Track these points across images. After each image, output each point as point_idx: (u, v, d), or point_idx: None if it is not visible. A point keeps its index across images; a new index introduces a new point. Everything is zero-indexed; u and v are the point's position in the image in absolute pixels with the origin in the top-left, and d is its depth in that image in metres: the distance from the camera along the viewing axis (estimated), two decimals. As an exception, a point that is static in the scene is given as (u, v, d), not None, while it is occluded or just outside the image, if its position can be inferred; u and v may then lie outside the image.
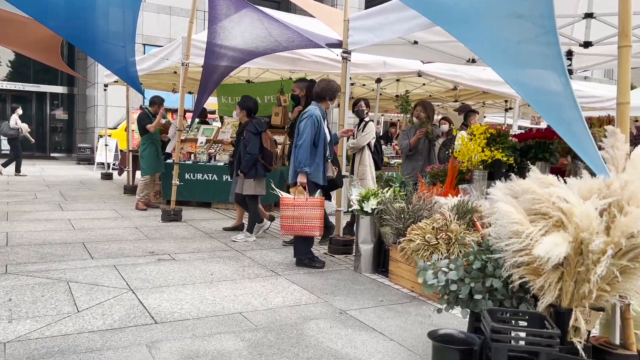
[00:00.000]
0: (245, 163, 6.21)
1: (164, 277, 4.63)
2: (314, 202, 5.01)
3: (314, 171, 5.10)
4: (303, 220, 5.01)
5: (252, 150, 6.20)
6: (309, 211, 4.99)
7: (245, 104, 6.45)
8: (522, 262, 2.59)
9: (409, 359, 3.15)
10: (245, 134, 6.29)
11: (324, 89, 5.30)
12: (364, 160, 6.79)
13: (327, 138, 5.25)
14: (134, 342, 3.21)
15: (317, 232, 5.07)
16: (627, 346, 2.95)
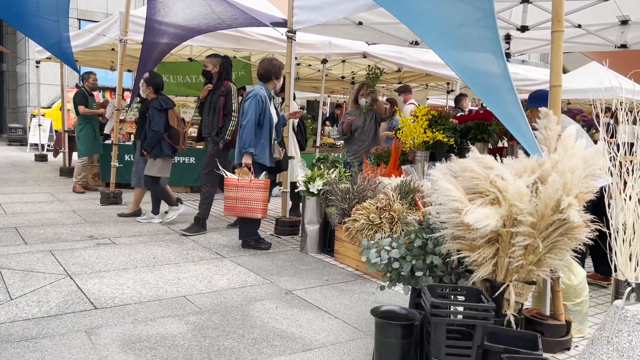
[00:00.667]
0: (149, 141, 5.92)
1: (104, 262, 4.49)
2: (258, 184, 4.95)
3: (259, 152, 5.02)
4: (245, 201, 4.95)
5: (157, 127, 5.92)
6: (253, 193, 4.93)
7: (153, 80, 6.17)
8: (459, 235, 2.68)
9: (353, 336, 3.22)
10: (150, 111, 6.01)
11: (267, 69, 5.15)
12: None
13: (273, 119, 5.14)
14: (72, 329, 3.10)
15: (259, 214, 4.98)
16: (556, 317, 3.14)
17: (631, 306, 2.32)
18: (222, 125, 5.74)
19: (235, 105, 5.74)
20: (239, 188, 4.94)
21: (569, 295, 3.26)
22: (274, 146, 5.24)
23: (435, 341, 2.31)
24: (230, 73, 5.95)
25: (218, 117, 5.74)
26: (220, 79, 5.82)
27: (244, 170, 4.97)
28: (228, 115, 5.72)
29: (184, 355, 2.83)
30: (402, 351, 2.51)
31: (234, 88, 5.80)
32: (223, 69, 5.81)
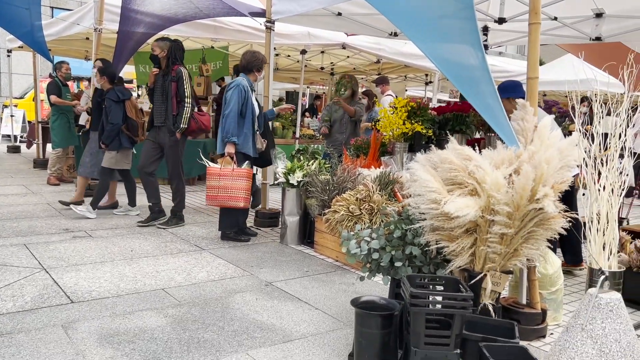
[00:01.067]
0: (107, 134, 5.73)
1: (80, 255, 4.42)
2: (240, 173, 4.91)
3: (242, 142, 4.99)
4: (228, 190, 4.91)
5: (115, 120, 5.73)
6: (235, 182, 4.90)
7: (108, 69, 5.97)
8: (438, 226, 2.70)
9: (333, 326, 3.23)
10: (107, 103, 5.78)
11: (249, 61, 5.14)
12: None
13: (255, 110, 5.11)
14: (49, 324, 3.05)
15: (241, 203, 4.95)
16: (532, 305, 3.20)
17: (604, 294, 2.37)
18: (176, 114, 5.42)
19: (187, 91, 5.42)
20: (221, 177, 4.91)
21: (545, 284, 3.32)
22: (257, 137, 5.21)
23: (414, 331, 2.33)
24: (181, 57, 5.57)
25: (172, 104, 5.41)
26: (169, 63, 5.48)
27: (227, 160, 4.95)
28: (181, 102, 5.41)
29: (164, 349, 2.81)
30: (382, 341, 2.53)
31: (185, 73, 5.48)
32: (171, 53, 5.46)
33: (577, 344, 2.34)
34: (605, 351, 2.27)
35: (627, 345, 2.28)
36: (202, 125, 5.63)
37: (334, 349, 2.93)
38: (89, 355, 2.70)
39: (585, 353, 2.31)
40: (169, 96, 5.40)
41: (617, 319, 2.31)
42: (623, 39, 5.88)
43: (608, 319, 2.31)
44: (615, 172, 2.62)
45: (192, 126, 5.48)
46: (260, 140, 5.27)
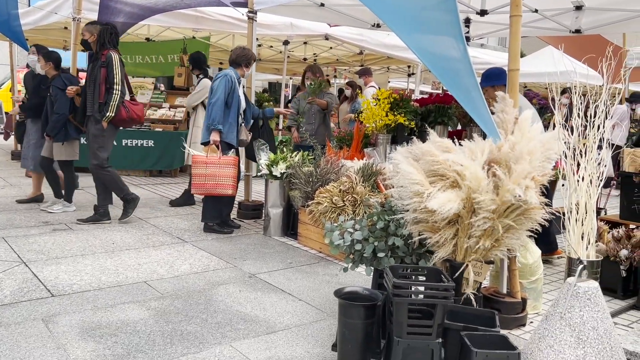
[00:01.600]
0: (53, 124, 5.37)
1: (61, 248, 4.36)
2: (227, 161, 4.91)
3: (226, 131, 4.99)
4: (215, 178, 4.89)
5: (61, 109, 5.37)
6: (222, 169, 4.88)
7: (52, 55, 5.68)
8: (420, 218, 2.73)
9: (317, 317, 3.24)
10: (53, 91, 5.46)
11: (239, 56, 5.18)
12: (199, 121, 6.17)
13: (241, 102, 5.13)
14: (29, 318, 3.01)
15: (230, 190, 4.94)
16: (513, 294, 3.25)
17: (583, 283, 2.42)
18: (104, 101, 5.05)
19: (117, 76, 5.04)
20: (208, 165, 4.88)
21: (525, 274, 3.38)
22: (241, 128, 5.23)
23: (397, 320, 2.35)
24: (113, 41, 5.19)
25: (99, 91, 5.02)
26: (98, 48, 5.13)
27: (212, 148, 4.93)
28: (110, 89, 5.04)
29: (146, 341, 2.80)
30: (365, 331, 2.55)
31: (116, 57, 5.10)
32: (101, 37, 5.10)
33: (555, 332, 2.39)
34: (582, 339, 2.32)
35: (604, 333, 2.33)
36: (133, 114, 5.25)
37: (318, 339, 2.94)
38: (71, 349, 2.67)
39: (563, 341, 2.35)
40: (97, 82, 5.04)
41: (594, 307, 2.36)
42: (602, 32, 5.97)
43: (586, 307, 2.36)
44: (593, 163, 2.67)
45: (122, 115, 5.12)
46: (245, 132, 5.27)
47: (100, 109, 5.05)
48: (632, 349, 2.58)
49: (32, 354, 2.60)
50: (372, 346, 2.66)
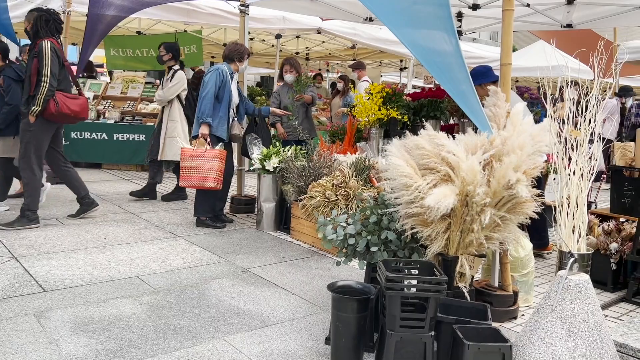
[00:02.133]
0: (4, 117, 5.05)
1: (52, 243, 4.33)
2: (212, 154, 4.88)
3: (216, 124, 4.97)
4: (199, 170, 4.87)
5: (14, 100, 5.02)
6: (207, 162, 4.86)
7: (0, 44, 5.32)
8: (413, 213, 2.73)
9: (310, 311, 3.25)
10: (4, 82, 5.11)
11: (231, 51, 5.19)
12: (174, 115, 6.08)
13: (233, 97, 5.11)
14: (20, 313, 3.00)
15: (212, 183, 4.89)
16: (504, 288, 3.28)
17: (574, 276, 2.44)
18: (33, 94, 4.61)
19: (47, 68, 4.57)
20: (193, 157, 4.88)
21: (517, 267, 3.40)
22: (233, 123, 5.22)
23: (390, 314, 2.36)
24: (49, 29, 4.73)
25: (30, 83, 4.63)
26: (33, 37, 4.71)
27: (200, 141, 4.92)
28: (39, 81, 4.60)
29: (139, 336, 2.80)
30: (358, 324, 2.56)
31: (48, 46, 4.62)
32: (35, 25, 4.67)
33: (547, 325, 2.41)
34: (574, 331, 2.34)
35: (594, 325, 2.35)
36: (64, 109, 4.70)
37: (311, 333, 2.95)
38: (63, 344, 2.66)
39: (555, 333, 2.38)
40: (28, 74, 4.66)
41: (585, 300, 2.38)
42: (593, 26, 5.99)
43: (577, 300, 2.38)
44: (585, 157, 2.69)
45: (50, 109, 4.61)
46: (237, 127, 5.26)
47: (28, 101, 4.65)
48: (622, 340, 2.60)
49: (24, 349, 2.59)
50: (365, 339, 2.67)
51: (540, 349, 2.39)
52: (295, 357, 2.66)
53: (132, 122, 8.47)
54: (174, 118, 6.07)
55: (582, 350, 2.31)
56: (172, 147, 5.93)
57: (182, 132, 6.09)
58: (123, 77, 9.45)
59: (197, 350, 2.68)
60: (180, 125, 6.11)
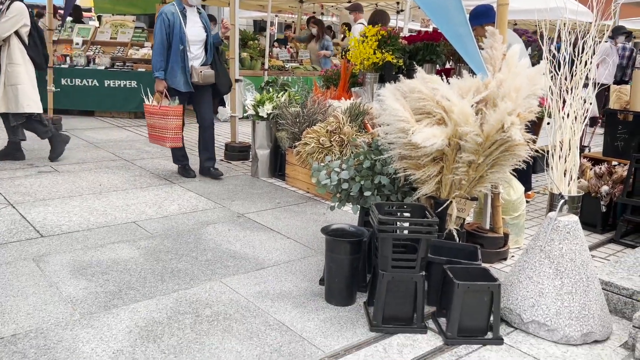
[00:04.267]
0: None
1: (47, 190, 4.35)
2: (165, 111, 4.60)
3: (170, 76, 4.60)
4: (156, 129, 4.69)
5: None
6: (161, 120, 4.63)
7: None
8: (405, 155, 2.74)
9: (305, 254, 3.32)
10: None
11: None
12: (14, 57, 5.02)
13: (185, 38, 4.57)
14: (19, 257, 3.04)
15: (167, 143, 4.69)
16: (495, 230, 3.33)
17: (563, 217, 2.49)
18: None
19: None
20: (151, 115, 4.71)
21: (508, 210, 3.45)
22: (193, 69, 4.66)
23: (382, 255, 2.42)
24: None
25: None
26: None
27: (156, 97, 4.67)
28: None
29: (137, 279, 2.86)
30: (351, 265, 2.62)
31: None
32: None
33: (535, 264, 2.48)
34: (561, 270, 2.41)
35: (581, 264, 2.42)
36: None
37: (306, 274, 3.02)
38: (63, 286, 2.72)
39: (542, 272, 2.44)
40: None
41: (573, 240, 2.44)
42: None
43: (565, 240, 2.43)
44: (579, 100, 2.68)
45: None
46: (196, 73, 4.66)
47: None
48: (608, 279, 2.68)
49: (24, 292, 2.65)
50: (358, 280, 2.74)
51: (528, 288, 2.46)
52: (291, 297, 2.74)
53: (122, 68, 8.31)
54: (14, 61, 5.01)
55: (568, 288, 2.38)
56: (17, 96, 4.99)
57: (28, 78, 5.10)
58: (112, 22, 9.19)
59: (194, 291, 2.75)
60: (25, 68, 5.06)
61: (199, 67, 4.69)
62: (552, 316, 2.37)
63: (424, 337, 2.40)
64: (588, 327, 2.36)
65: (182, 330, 2.37)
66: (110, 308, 2.54)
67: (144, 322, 2.42)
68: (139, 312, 2.51)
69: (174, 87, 4.65)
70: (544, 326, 2.39)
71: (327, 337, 2.37)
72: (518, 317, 2.47)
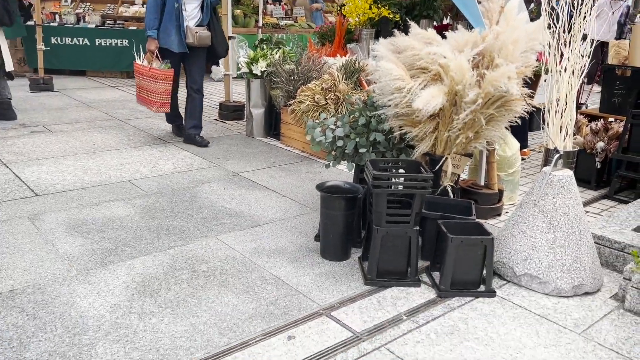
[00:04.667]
0: None
1: (41, 150, 4.31)
2: (155, 74, 4.40)
3: (162, 36, 4.41)
4: (144, 91, 4.52)
5: None
6: (150, 82, 4.44)
7: None
8: (402, 113, 2.72)
9: (300, 212, 3.33)
10: None
11: None
12: None
13: None
14: (14, 216, 3.04)
15: (154, 107, 4.49)
16: (490, 186, 3.34)
17: (558, 172, 2.49)
18: None
19: None
20: (140, 75, 4.53)
21: (503, 166, 3.45)
22: (188, 29, 4.46)
23: (376, 211, 2.42)
24: None
25: None
26: None
27: (147, 57, 4.50)
28: None
29: (133, 236, 2.87)
30: (346, 221, 2.64)
31: None
32: None
33: (528, 218, 2.49)
34: (554, 224, 2.42)
35: (574, 218, 2.43)
36: None
37: (301, 231, 3.04)
38: (59, 244, 2.73)
39: (536, 227, 2.46)
40: None
41: (567, 194, 2.44)
42: None
43: (559, 194, 2.44)
44: (577, 54, 2.63)
45: None
46: (191, 33, 4.47)
47: None
48: (600, 233, 2.71)
49: (20, 249, 2.66)
50: (353, 236, 2.76)
51: (521, 241, 2.49)
52: (286, 253, 2.76)
53: (113, 26, 8.14)
54: None
55: (560, 241, 2.41)
56: None
57: None
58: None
59: (190, 248, 2.77)
60: None
61: (194, 28, 4.50)
62: (544, 269, 2.41)
63: (417, 290, 2.44)
64: (579, 279, 2.40)
65: (178, 285, 2.39)
66: (107, 264, 2.55)
67: (140, 277, 2.44)
68: (135, 268, 2.53)
69: (167, 47, 4.45)
70: (536, 279, 2.42)
71: (322, 290, 2.40)
72: (511, 270, 2.50)
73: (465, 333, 2.12)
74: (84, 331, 2.03)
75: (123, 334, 2.03)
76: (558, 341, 2.09)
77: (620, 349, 2.06)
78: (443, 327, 2.16)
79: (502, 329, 2.16)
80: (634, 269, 2.31)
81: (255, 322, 2.14)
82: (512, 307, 2.33)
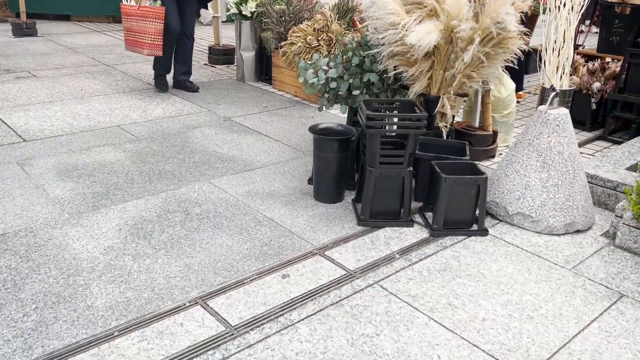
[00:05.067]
0: None
1: (27, 95, 4.21)
2: (145, 12, 4.13)
3: None
4: (133, 33, 4.21)
5: None
6: (139, 23, 4.15)
7: None
8: (397, 52, 2.65)
9: (293, 156, 3.30)
10: None
11: None
12: None
13: None
14: (3, 161, 3.00)
15: (145, 50, 4.20)
16: (485, 128, 3.31)
17: (553, 110, 2.45)
18: None
19: None
20: (128, 17, 4.23)
21: (498, 107, 3.41)
22: None
23: (370, 152, 2.40)
24: None
25: None
26: None
27: None
28: None
29: (125, 180, 2.84)
30: (339, 163, 2.61)
31: None
32: None
33: (523, 158, 2.48)
34: (548, 162, 2.41)
35: (568, 157, 2.42)
36: None
37: (294, 175, 3.02)
38: (50, 188, 2.70)
39: (530, 166, 2.45)
40: None
41: (562, 133, 2.42)
42: None
43: (554, 133, 2.42)
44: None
45: None
46: None
47: None
48: (593, 172, 2.71)
49: (10, 194, 2.63)
50: (346, 178, 2.74)
51: (515, 181, 2.48)
52: (280, 196, 2.75)
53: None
54: None
55: (554, 180, 2.40)
56: None
57: None
58: None
59: (183, 191, 2.75)
60: None
61: None
62: (537, 208, 2.41)
63: (410, 230, 2.45)
64: (571, 218, 2.41)
65: (172, 228, 2.39)
66: (99, 208, 2.54)
67: (133, 220, 2.44)
68: (128, 211, 2.52)
69: None
70: (529, 217, 2.43)
71: (316, 231, 2.41)
72: (504, 209, 2.51)
73: (457, 270, 2.15)
74: (78, 272, 2.04)
75: (117, 274, 2.04)
76: (549, 277, 2.12)
77: (609, 284, 2.10)
78: (435, 265, 2.18)
79: (493, 265, 2.19)
80: (625, 207, 2.32)
81: (249, 262, 2.15)
82: (504, 245, 2.35)
